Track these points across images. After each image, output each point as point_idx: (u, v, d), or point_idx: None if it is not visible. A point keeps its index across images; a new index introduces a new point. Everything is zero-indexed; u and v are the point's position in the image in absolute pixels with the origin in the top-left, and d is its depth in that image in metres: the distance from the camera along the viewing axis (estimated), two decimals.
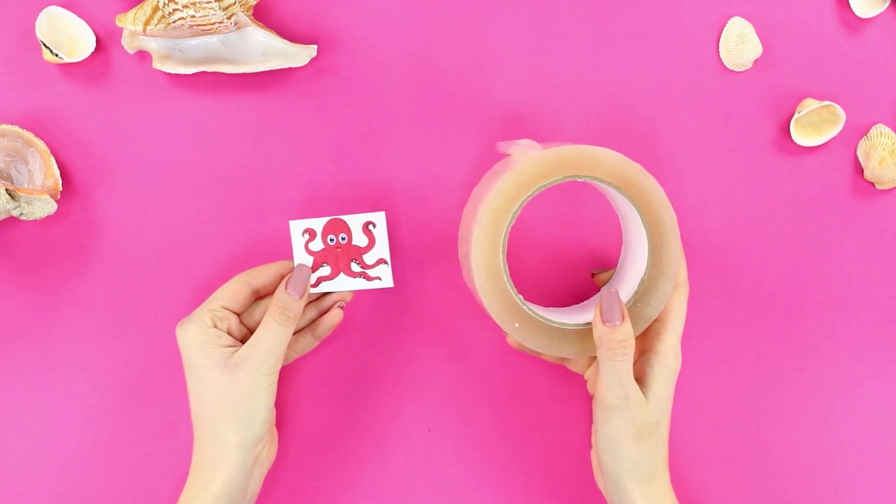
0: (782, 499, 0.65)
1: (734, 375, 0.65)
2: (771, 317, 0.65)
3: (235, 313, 0.59)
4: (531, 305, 0.57)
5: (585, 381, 0.62)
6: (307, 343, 0.62)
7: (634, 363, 0.58)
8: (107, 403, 0.64)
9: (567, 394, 0.65)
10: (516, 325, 0.56)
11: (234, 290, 0.59)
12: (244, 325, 0.60)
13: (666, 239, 0.55)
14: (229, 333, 0.58)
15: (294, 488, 0.64)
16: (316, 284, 0.60)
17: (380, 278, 0.60)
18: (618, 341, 0.54)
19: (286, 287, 0.58)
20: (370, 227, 0.60)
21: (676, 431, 0.65)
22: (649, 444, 0.55)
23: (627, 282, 0.58)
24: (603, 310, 0.54)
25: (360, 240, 0.60)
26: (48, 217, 0.62)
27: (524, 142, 0.56)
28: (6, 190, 0.60)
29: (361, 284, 0.60)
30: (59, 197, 0.63)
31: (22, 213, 0.60)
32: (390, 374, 0.65)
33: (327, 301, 0.62)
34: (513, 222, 0.55)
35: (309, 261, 0.60)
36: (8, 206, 0.60)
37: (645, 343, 0.58)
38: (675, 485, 0.58)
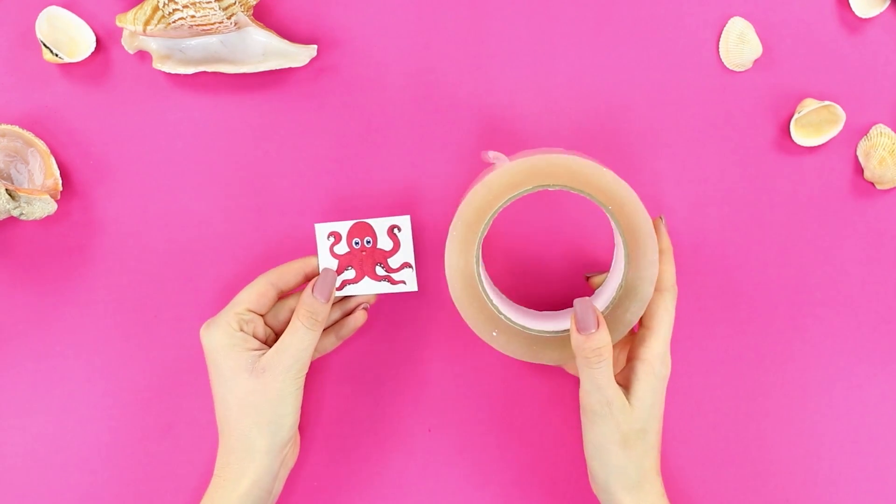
0: (782, 501, 0.65)
1: (733, 376, 0.65)
2: (771, 317, 0.65)
3: (260, 315, 0.59)
4: (509, 314, 0.56)
5: None
6: (329, 343, 0.62)
7: (622, 369, 0.57)
8: (107, 404, 0.64)
9: (567, 395, 0.65)
10: (494, 333, 0.56)
11: (259, 293, 0.58)
12: (268, 325, 0.60)
13: (642, 244, 0.55)
14: (254, 336, 0.58)
15: (293, 487, 0.64)
16: (341, 287, 0.60)
17: (404, 282, 0.61)
18: (592, 349, 0.53)
19: (312, 291, 0.58)
20: (395, 230, 0.60)
21: (674, 433, 0.65)
22: (637, 451, 0.55)
23: (612, 286, 0.57)
24: (577, 318, 0.54)
25: (384, 243, 0.60)
26: (48, 217, 0.62)
27: (492, 153, 0.56)
28: (6, 190, 0.60)
29: (386, 288, 0.61)
30: (59, 197, 0.63)
31: (22, 213, 0.60)
32: (389, 374, 0.65)
33: (351, 302, 0.62)
34: (485, 233, 0.55)
35: (334, 264, 0.60)
36: (8, 206, 0.60)
37: (631, 350, 0.57)
38: (673, 487, 0.58)
